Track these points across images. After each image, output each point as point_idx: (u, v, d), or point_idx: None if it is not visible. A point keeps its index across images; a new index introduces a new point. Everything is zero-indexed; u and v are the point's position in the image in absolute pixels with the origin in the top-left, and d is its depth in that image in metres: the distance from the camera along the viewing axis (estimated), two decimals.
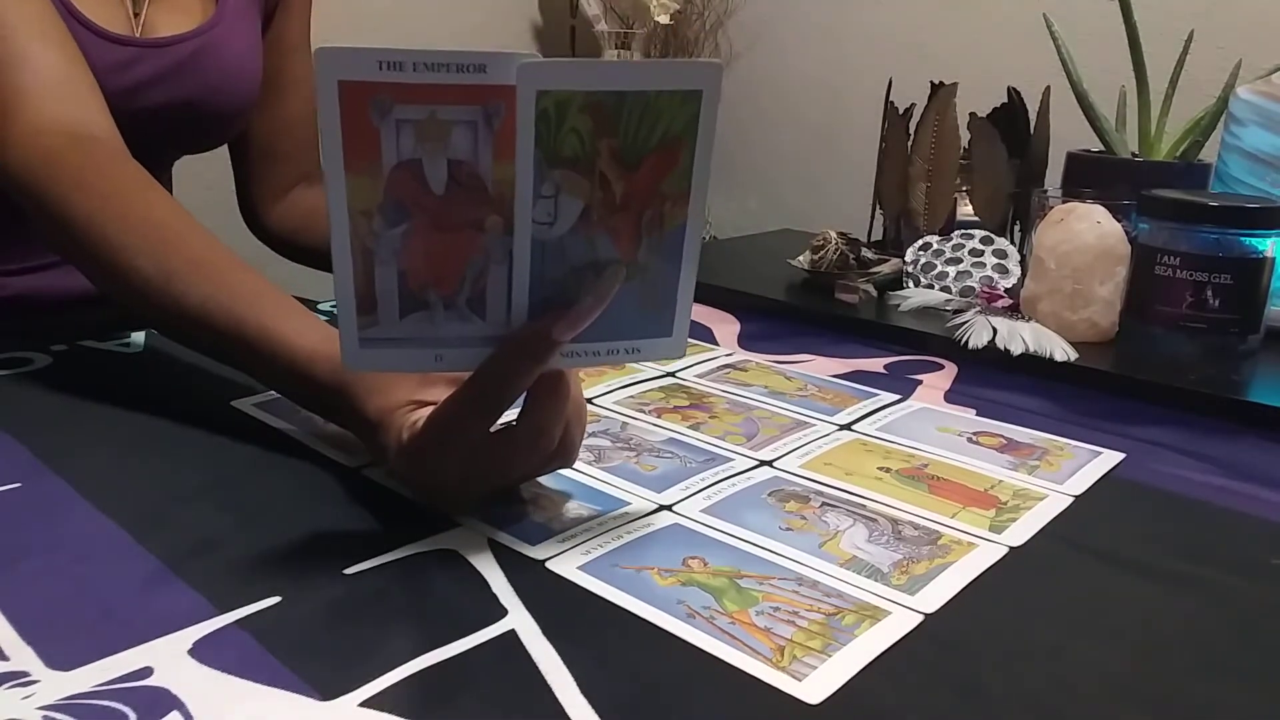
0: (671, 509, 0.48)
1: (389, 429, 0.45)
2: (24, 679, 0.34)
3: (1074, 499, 0.51)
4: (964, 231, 0.89)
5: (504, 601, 0.39)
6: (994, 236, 0.88)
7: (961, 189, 0.97)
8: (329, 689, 0.34)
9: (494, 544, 0.43)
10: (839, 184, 1.71)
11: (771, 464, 0.53)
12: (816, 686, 0.34)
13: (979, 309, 0.78)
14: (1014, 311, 0.77)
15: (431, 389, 0.45)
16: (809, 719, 0.33)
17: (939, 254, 0.88)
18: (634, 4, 1.79)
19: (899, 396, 0.66)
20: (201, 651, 0.35)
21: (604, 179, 0.39)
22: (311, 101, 0.85)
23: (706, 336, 0.79)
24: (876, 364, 0.74)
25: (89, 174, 0.58)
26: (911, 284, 0.88)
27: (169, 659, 0.35)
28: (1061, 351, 0.70)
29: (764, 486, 0.50)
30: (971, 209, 0.96)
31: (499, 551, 0.43)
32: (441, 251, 0.39)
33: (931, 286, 0.86)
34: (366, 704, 0.33)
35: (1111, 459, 0.56)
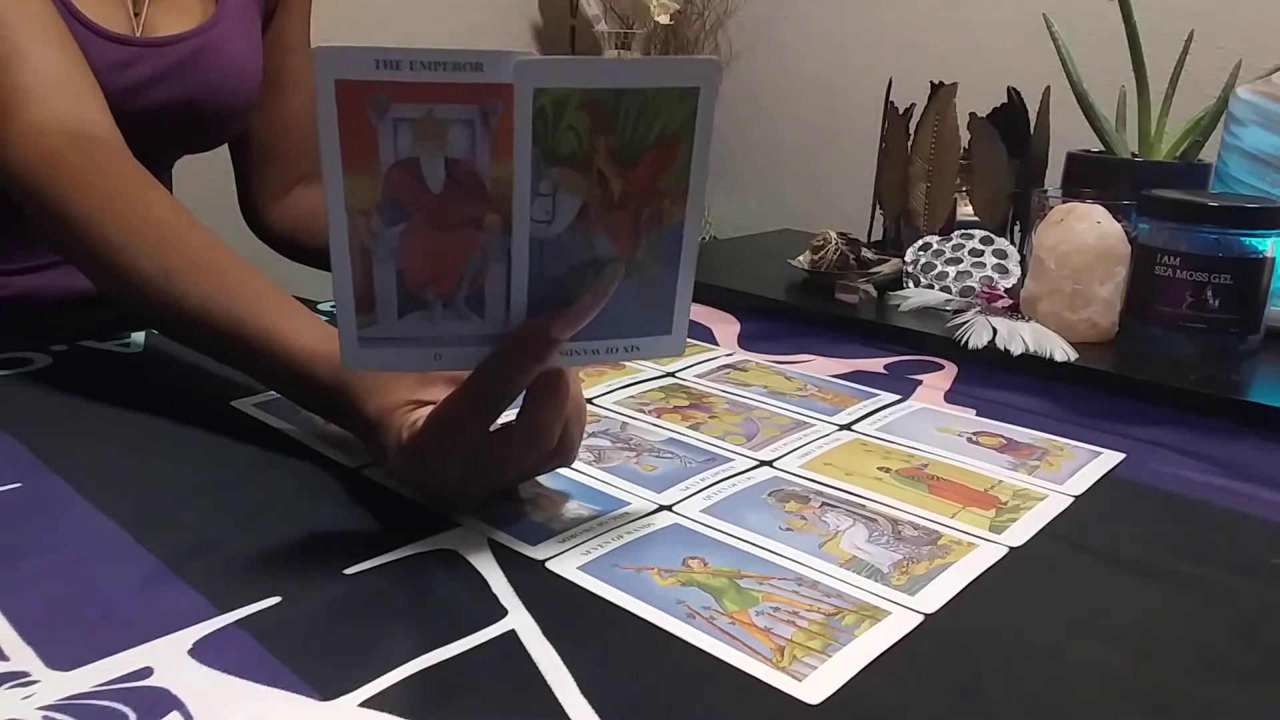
0: (671, 509, 0.48)
1: (388, 429, 0.45)
2: (24, 679, 0.34)
3: (1074, 499, 0.51)
4: (964, 231, 0.89)
5: (504, 601, 0.39)
6: (994, 236, 0.88)
7: (961, 189, 0.97)
8: (329, 689, 0.33)
9: (494, 544, 0.43)
10: (839, 184, 1.71)
11: (771, 464, 0.53)
12: (816, 687, 0.34)
13: (979, 309, 0.78)
14: (1014, 311, 0.77)
15: (431, 388, 0.45)
16: (809, 719, 0.33)
17: (939, 254, 0.88)
18: (634, 4, 1.79)
19: (899, 396, 0.66)
20: (201, 651, 0.35)
21: (602, 177, 0.39)
22: (311, 101, 0.85)
23: (706, 336, 0.79)
24: (876, 364, 0.74)
25: (89, 173, 0.58)
26: (911, 284, 0.88)
27: (169, 659, 0.35)
28: (1061, 351, 0.70)
29: (764, 487, 0.50)
30: (971, 209, 0.96)
31: (499, 551, 0.43)
32: (440, 250, 0.39)
33: (931, 286, 0.86)
34: (366, 704, 0.33)
35: (1111, 459, 0.56)
